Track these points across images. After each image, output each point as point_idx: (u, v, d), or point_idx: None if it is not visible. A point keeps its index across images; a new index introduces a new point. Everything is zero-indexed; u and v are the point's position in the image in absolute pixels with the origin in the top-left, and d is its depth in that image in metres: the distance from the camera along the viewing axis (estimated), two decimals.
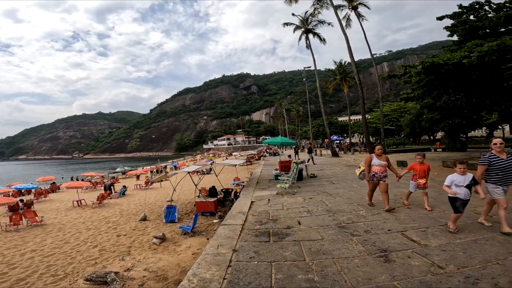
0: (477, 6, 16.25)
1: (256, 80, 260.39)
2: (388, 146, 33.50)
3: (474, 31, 15.73)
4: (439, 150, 28.64)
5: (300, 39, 30.50)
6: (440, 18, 17.31)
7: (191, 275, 3.52)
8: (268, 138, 42.32)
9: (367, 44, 28.24)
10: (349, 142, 44.45)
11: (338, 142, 42.77)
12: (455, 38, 17.42)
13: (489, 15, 15.87)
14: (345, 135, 55.58)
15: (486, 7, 16.11)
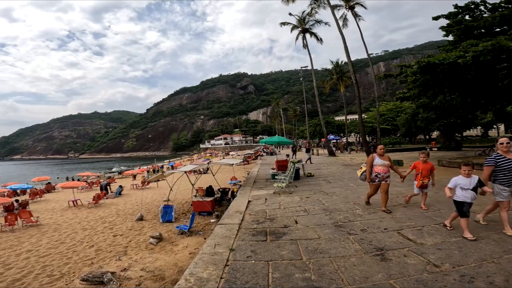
0: (472, 6, 16.34)
1: (253, 79, 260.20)
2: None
3: (469, 31, 15.84)
4: (435, 149, 28.85)
5: (297, 38, 30.59)
6: (436, 18, 17.42)
7: (188, 275, 3.51)
8: (265, 138, 42.40)
9: (364, 43, 28.41)
10: (345, 141, 44.67)
11: (335, 141, 42.96)
12: (450, 38, 17.50)
13: (484, 15, 15.96)
14: (341, 135, 55.83)
15: (482, 7, 16.21)
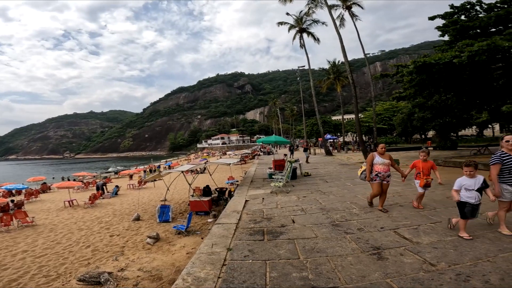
0: (468, 6, 16.39)
1: (250, 79, 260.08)
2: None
3: (465, 31, 15.91)
4: (430, 148, 29.02)
5: (294, 38, 30.63)
6: (432, 18, 17.47)
7: (186, 274, 3.51)
8: (262, 137, 42.38)
9: (361, 43, 28.47)
10: (342, 141, 44.79)
11: (331, 141, 43.09)
12: (446, 38, 17.53)
13: (480, 15, 16.00)
14: (338, 134, 56.00)
15: (477, 7, 16.25)
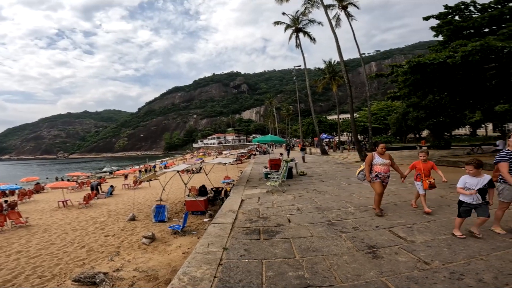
0: (462, 7, 16.45)
1: (246, 78, 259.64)
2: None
3: (458, 31, 16.00)
4: (425, 148, 29.36)
5: (290, 38, 30.64)
6: (426, 18, 17.52)
7: (182, 274, 3.50)
8: (258, 137, 42.36)
9: (356, 43, 28.62)
10: (338, 140, 45.00)
11: (327, 140, 43.24)
12: (440, 38, 17.63)
13: (473, 16, 16.07)
14: (334, 134, 56.17)
15: (471, 8, 16.29)
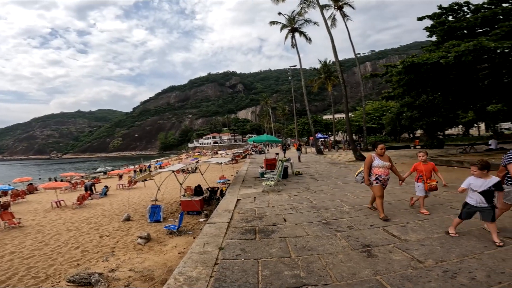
0: (456, 7, 16.54)
1: (242, 78, 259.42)
2: (370, 144, 34.37)
3: (452, 32, 16.14)
4: (418, 147, 29.65)
5: (286, 37, 30.73)
6: (420, 19, 17.61)
7: (178, 274, 3.49)
8: (254, 136, 42.35)
9: (351, 43, 28.84)
10: (333, 140, 45.22)
11: (322, 140, 43.42)
12: (434, 39, 17.77)
13: (467, 16, 16.18)
14: (329, 133, 56.42)
15: (465, 8, 16.39)
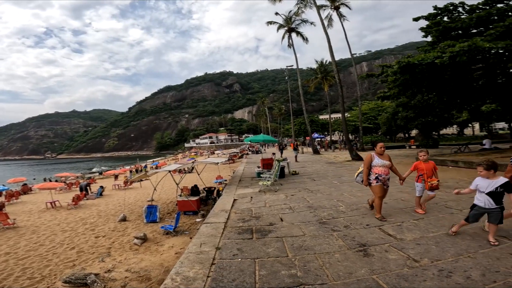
0: (451, 8, 16.59)
1: (239, 78, 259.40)
2: (366, 144, 34.57)
3: (447, 32, 16.24)
4: (413, 147, 29.91)
5: (283, 37, 30.72)
6: (416, 19, 17.66)
7: (174, 274, 3.48)
8: (251, 136, 42.35)
9: (348, 44, 28.93)
10: (329, 139, 45.38)
11: (319, 139, 43.58)
12: (429, 39, 17.86)
13: (462, 17, 16.27)
14: (326, 133, 56.63)
15: (460, 9, 16.47)
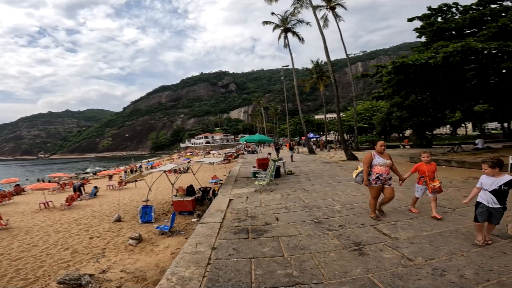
0: (445, 8, 16.77)
1: (234, 78, 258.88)
2: (361, 143, 34.81)
3: (441, 33, 16.40)
4: (407, 147, 30.19)
5: (279, 37, 30.77)
6: (410, 20, 17.80)
7: (170, 274, 3.47)
8: (246, 136, 42.30)
9: (343, 44, 29.11)
10: (325, 139, 45.56)
11: (314, 139, 43.72)
12: (423, 40, 18.02)
13: (455, 17, 16.45)
14: (321, 133, 56.86)
15: (453, 9, 16.63)
